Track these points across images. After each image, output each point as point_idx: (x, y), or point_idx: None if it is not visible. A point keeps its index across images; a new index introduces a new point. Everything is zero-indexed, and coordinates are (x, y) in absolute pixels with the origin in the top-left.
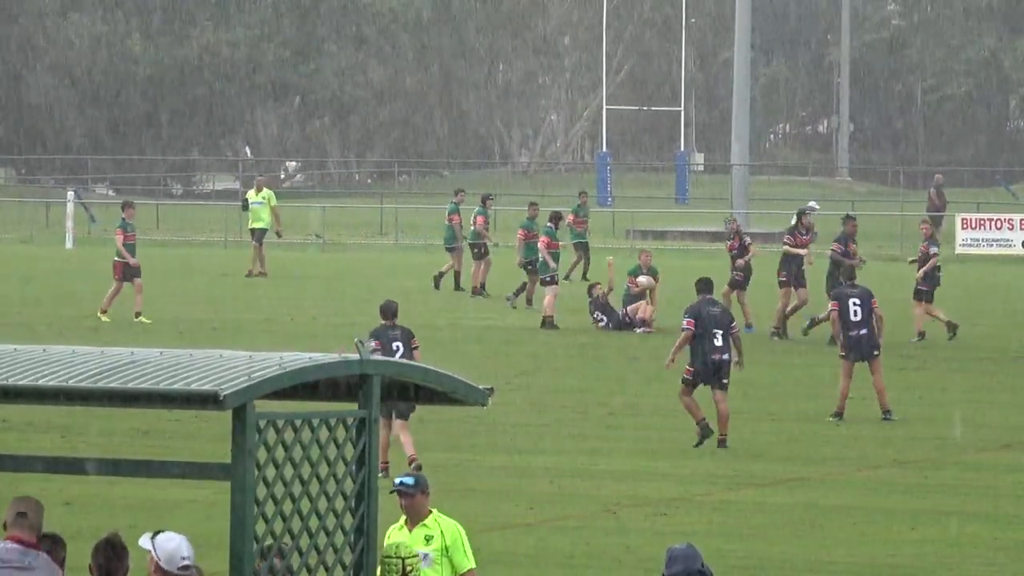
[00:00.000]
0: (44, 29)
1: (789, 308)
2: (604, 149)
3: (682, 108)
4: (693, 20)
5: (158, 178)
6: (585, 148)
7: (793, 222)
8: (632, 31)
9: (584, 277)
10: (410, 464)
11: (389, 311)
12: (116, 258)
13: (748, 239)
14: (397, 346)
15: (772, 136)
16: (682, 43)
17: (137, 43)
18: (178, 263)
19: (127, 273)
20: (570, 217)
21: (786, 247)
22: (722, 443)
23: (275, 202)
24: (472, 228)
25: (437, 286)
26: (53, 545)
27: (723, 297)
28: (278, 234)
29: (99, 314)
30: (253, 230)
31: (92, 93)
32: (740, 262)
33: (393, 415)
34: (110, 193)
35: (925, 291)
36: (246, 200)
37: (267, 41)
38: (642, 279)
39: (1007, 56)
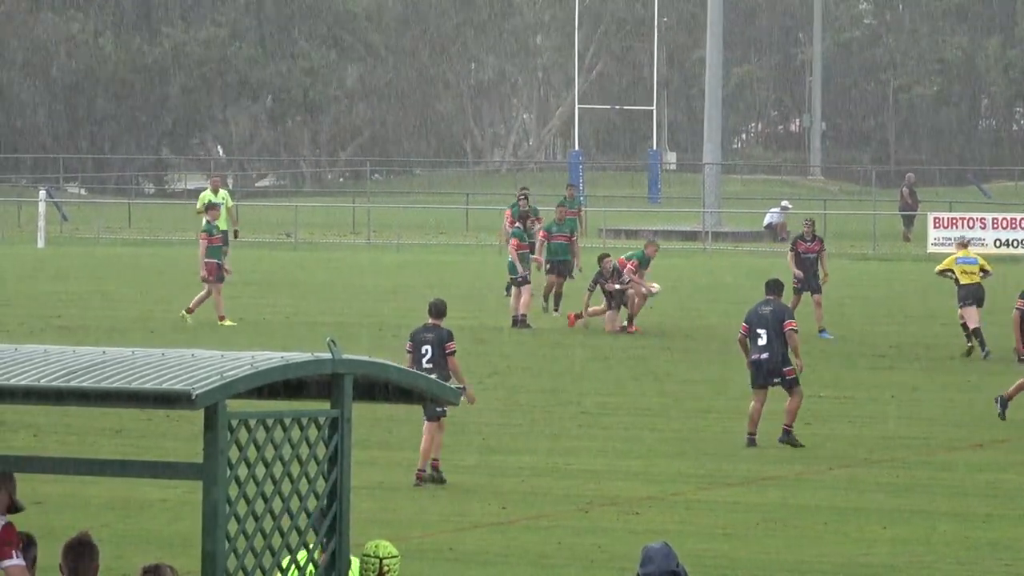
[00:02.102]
0: (14, 28)
1: None
2: (576, 148)
3: (654, 107)
4: (665, 19)
5: (130, 177)
6: (557, 147)
7: None
8: (604, 30)
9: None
10: (432, 468)
11: (433, 310)
12: (207, 259)
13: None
14: (426, 349)
15: (744, 135)
16: (654, 42)
17: (108, 42)
18: (150, 262)
19: (218, 274)
20: (561, 210)
21: None
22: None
23: (231, 202)
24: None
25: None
26: (26, 544)
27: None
28: (236, 233)
29: (184, 313)
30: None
31: (64, 92)
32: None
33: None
34: (82, 192)
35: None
36: (210, 201)
37: (238, 40)
38: (655, 286)
39: (979, 56)
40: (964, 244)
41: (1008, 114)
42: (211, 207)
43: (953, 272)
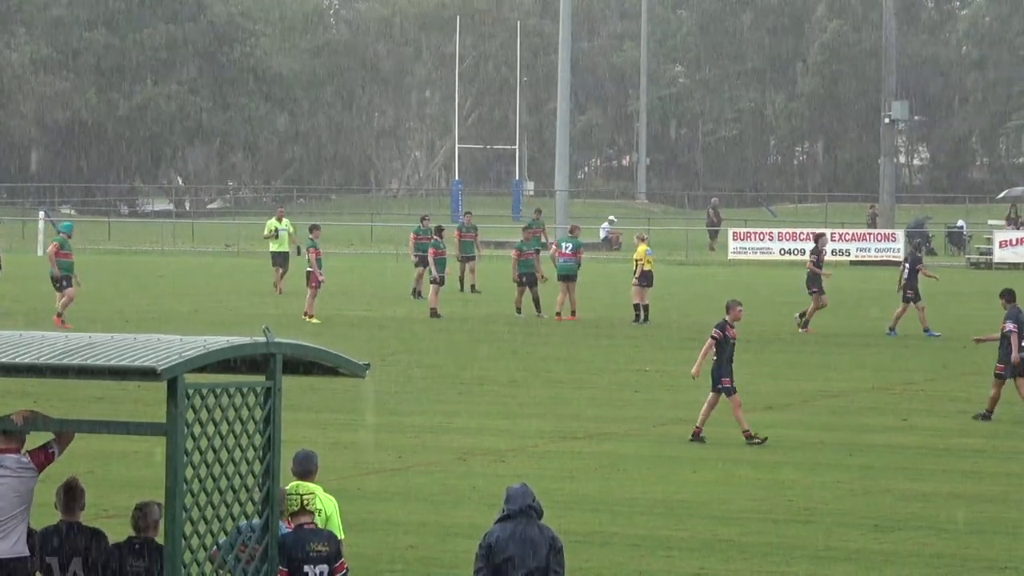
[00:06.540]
0: (20, 86)
1: None
2: (457, 178)
3: (517, 146)
4: (525, 79)
5: (110, 201)
6: (442, 177)
7: None
8: (478, 87)
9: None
10: (747, 437)
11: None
12: (308, 269)
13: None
14: None
15: (587, 168)
16: (517, 96)
17: (93, 96)
18: (124, 267)
19: (317, 281)
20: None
21: None
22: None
23: (292, 228)
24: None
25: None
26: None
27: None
28: (298, 250)
29: (304, 318)
30: (279, 253)
31: (58, 135)
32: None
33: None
34: (72, 212)
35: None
36: (277, 229)
37: (194, 95)
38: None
39: (768, 107)
40: (643, 238)
41: (790, 152)
42: (314, 228)
43: (641, 261)
